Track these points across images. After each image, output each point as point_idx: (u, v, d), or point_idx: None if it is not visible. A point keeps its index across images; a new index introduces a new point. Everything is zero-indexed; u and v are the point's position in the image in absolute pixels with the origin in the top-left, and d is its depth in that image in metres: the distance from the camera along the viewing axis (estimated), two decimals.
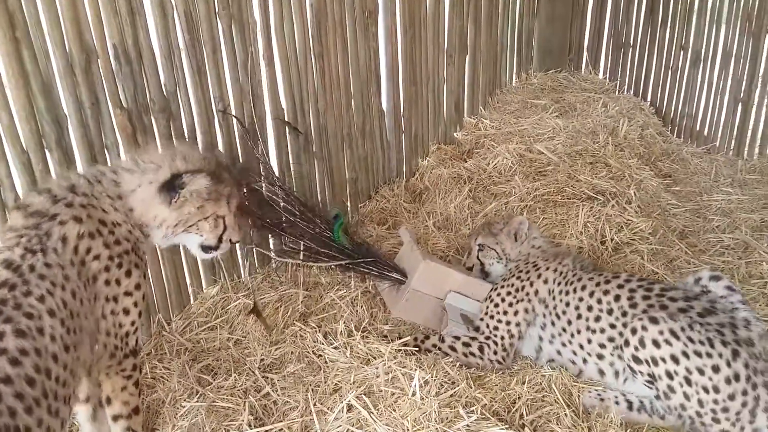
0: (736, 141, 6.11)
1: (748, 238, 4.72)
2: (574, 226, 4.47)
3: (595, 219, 4.50)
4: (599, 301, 3.38)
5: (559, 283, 3.58)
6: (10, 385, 2.02)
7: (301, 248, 4.03)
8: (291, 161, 4.36)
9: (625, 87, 6.82)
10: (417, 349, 3.60)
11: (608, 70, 6.98)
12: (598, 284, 3.44)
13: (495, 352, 3.60)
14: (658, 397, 3.14)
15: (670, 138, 6.30)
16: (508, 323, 3.63)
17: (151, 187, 2.79)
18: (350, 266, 4.00)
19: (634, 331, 3.10)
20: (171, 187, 2.80)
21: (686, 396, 2.99)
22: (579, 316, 3.43)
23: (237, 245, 3.95)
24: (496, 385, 3.39)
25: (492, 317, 3.68)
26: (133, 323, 2.70)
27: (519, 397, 3.29)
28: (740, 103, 6.01)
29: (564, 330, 3.49)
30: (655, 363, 3.03)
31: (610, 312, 3.33)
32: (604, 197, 4.71)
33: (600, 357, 3.36)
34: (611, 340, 3.31)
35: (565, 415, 3.16)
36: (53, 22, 2.99)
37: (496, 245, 3.99)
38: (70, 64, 3.08)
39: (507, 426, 3.03)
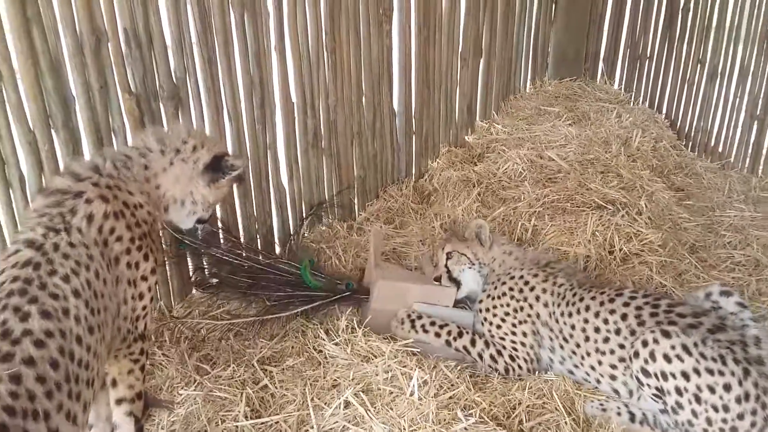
0: (750, 158, 6.05)
1: (759, 255, 4.66)
2: (582, 234, 4.40)
3: (604, 228, 4.43)
4: (606, 322, 3.27)
5: (558, 305, 3.47)
6: (32, 367, 1.95)
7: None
8: (299, 156, 4.33)
9: (641, 99, 6.77)
10: (448, 345, 3.59)
11: (624, 81, 6.93)
12: (602, 303, 3.33)
13: (519, 377, 3.51)
14: (664, 411, 3.07)
15: (684, 152, 6.23)
16: (523, 344, 3.54)
17: (186, 165, 2.86)
18: (327, 304, 3.82)
19: (645, 344, 3.02)
20: (217, 168, 2.91)
21: (694, 413, 2.91)
22: (587, 339, 3.32)
23: None
24: (496, 389, 3.33)
25: (503, 338, 3.58)
26: (144, 308, 2.67)
27: (519, 403, 3.23)
28: (756, 120, 5.95)
29: (573, 353, 3.39)
30: (665, 378, 2.95)
31: (618, 332, 3.23)
32: (614, 207, 4.64)
33: (612, 377, 3.27)
34: (622, 360, 3.21)
35: (565, 423, 3.10)
36: (64, 1, 2.97)
37: (466, 249, 3.87)
38: (80, 46, 3.06)
39: (505, 431, 2.98)
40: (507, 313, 3.58)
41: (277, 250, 4.33)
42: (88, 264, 2.33)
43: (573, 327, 3.38)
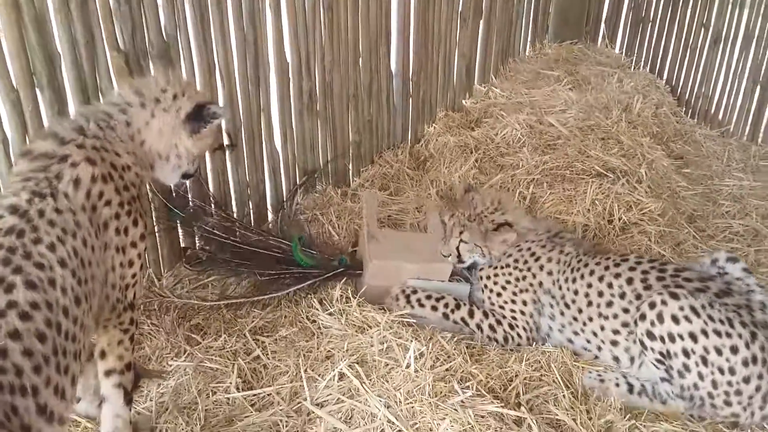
0: (751, 126, 5.97)
1: (758, 226, 4.62)
2: (582, 203, 4.32)
3: (603, 196, 4.35)
4: (610, 285, 3.23)
5: (563, 272, 3.42)
6: (18, 340, 1.87)
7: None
8: (293, 120, 4.20)
9: (641, 63, 6.63)
10: (446, 318, 3.52)
11: (625, 44, 6.78)
12: (607, 268, 3.28)
13: (519, 345, 3.48)
14: (665, 379, 3.03)
15: (684, 119, 6.14)
16: (522, 313, 3.49)
17: (168, 115, 2.68)
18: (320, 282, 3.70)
19: (652, 306, 2.98)
20: (198, 117, 2.74)
21: (700, 376, 2.90)
22: (590, 303, 3.28)
23: None
24: (493, 361, 3.27)
25: (502, 307, 3.53)
26: (134, 276, 2.58)
27: (516, 375, 3.18)
28: (759, 87, 5.85)
29: (575, 319, 3.34)
30: (672, 339, 2.92)
31: (622, 296, 3.19)
32: (615, 175, 4.55)
33: (614, 343, 3.23)
34: (625, 325, 3.18)
35: (564, 396, 3.06)
36: None
37: (485, 246, 3.61)
38: None
39: (503, 404, 2.93)
40: (508, 281, 3.52)
41: (270, 216, 4.23)
42: (75, 231, 2.23)
43: (576, 292, 3.33)
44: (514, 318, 3.49)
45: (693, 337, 2.88)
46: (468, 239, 3.63)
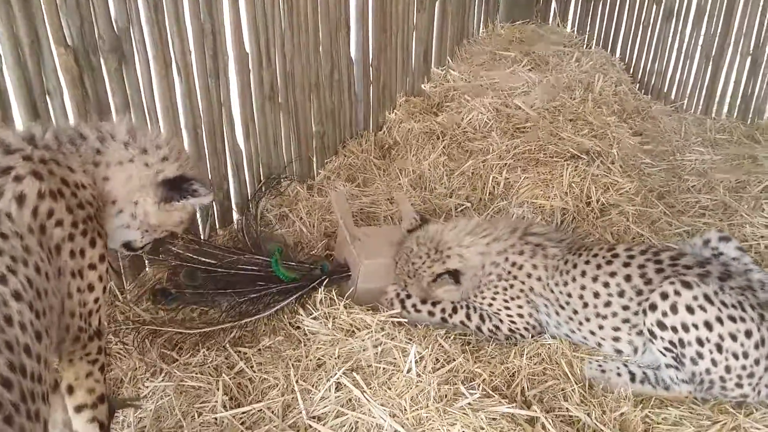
0: (704, 100, 6.01)
1: (727, 199, 4.60)
2: (559, 186, 4.21)
3: (580, 179, 4.25)
4: (606, 285, 3.07)
5: (552, 277, 3.24)
6: None
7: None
8: (255, 113, 3.93)
9: (594, 41, 6.59)
10: (444, 321, 3.34)
11: (577, 22, 6.72)
12: (599, 266, 3.11)
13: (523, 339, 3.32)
14: (670, 365, 2.93)
15: (639, 95, 6.14)
16: (520, 315, 3.30)
17: (147, 170, 2.42)
18: (305, 293, 3.44)
19: (665, 296, 2.84)
20: (176, 187, 2.49)
21: (714, 362, 2.80)
22: (585, 305, 3.12)
23: None
24: (494, 357, 3.12)
25: (498, 314, 3.32)
26: (96, 300, 2.27)
27: (519, 371, 3.02)
28: (711, 62, 5.88)
29: (571, 319, 3.19)
30: (686, 329, 2.81)
31: (621, 294, 3.04)
32: (589, 156, 4.46)
33: (616, 339, 3.10)
34: (626, 321, 3.06)
35: (573, 390, 2.92)
36: None
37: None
38: None
39: (512, 404, 2.77)
40: (497, 292, 3.31)
41: (235, 216, 3.96)
42: (26, 258, 1.91)
43: (569, 295, 3.17)
44: (512, 322, 3.32)
45: (708, 325, 2.77)
46: (413, 293, 3.44)
